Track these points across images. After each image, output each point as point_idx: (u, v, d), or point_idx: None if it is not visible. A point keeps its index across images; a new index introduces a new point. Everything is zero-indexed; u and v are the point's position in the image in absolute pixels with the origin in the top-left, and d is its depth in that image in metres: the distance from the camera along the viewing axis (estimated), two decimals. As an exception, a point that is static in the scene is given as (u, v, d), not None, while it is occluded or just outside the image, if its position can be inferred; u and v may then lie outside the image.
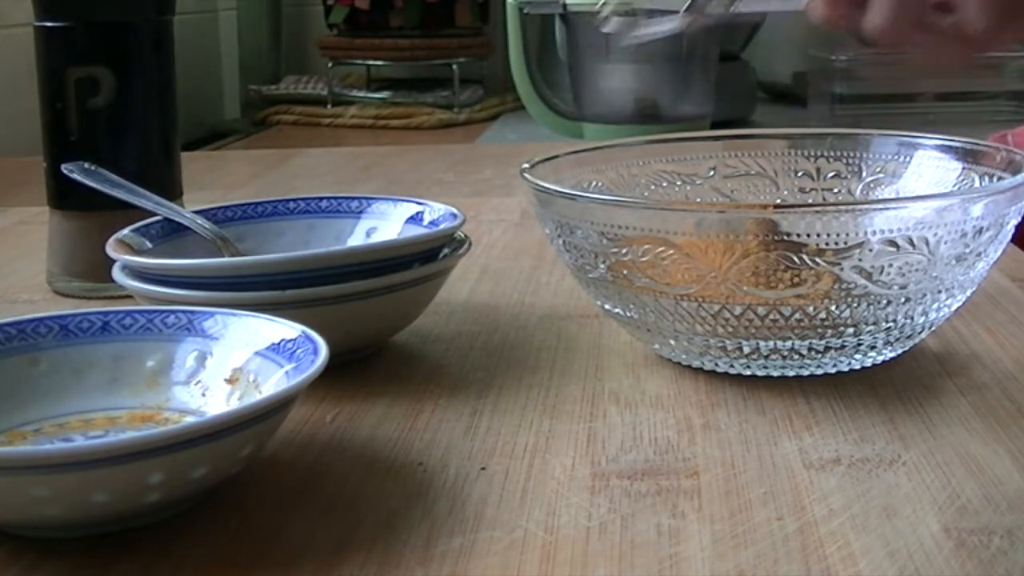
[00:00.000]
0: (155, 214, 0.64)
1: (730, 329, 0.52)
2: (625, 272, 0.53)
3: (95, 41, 0.70)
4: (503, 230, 0.87)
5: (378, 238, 0.65)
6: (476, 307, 0.68)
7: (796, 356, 0.53)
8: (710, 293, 0.51)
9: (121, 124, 0.71)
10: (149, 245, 0.61)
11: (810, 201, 0.65)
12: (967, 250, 0.51)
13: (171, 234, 0.63)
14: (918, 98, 1.53)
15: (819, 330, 0.52)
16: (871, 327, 0.52)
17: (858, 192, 0.65)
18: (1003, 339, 0.60)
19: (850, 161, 0.65)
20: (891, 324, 0.53)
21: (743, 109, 1.58)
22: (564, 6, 1.45)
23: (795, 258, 0.50)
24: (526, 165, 0.59)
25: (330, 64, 1.81)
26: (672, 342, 0.55)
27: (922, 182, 0.63)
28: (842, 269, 0.50)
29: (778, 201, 0.66)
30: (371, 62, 1.85)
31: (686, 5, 0.58)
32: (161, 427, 0.47)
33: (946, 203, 0.51)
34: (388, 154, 1.34)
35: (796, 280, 0.50)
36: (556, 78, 1.54)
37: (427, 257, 0.58)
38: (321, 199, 0.67)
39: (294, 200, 0.67)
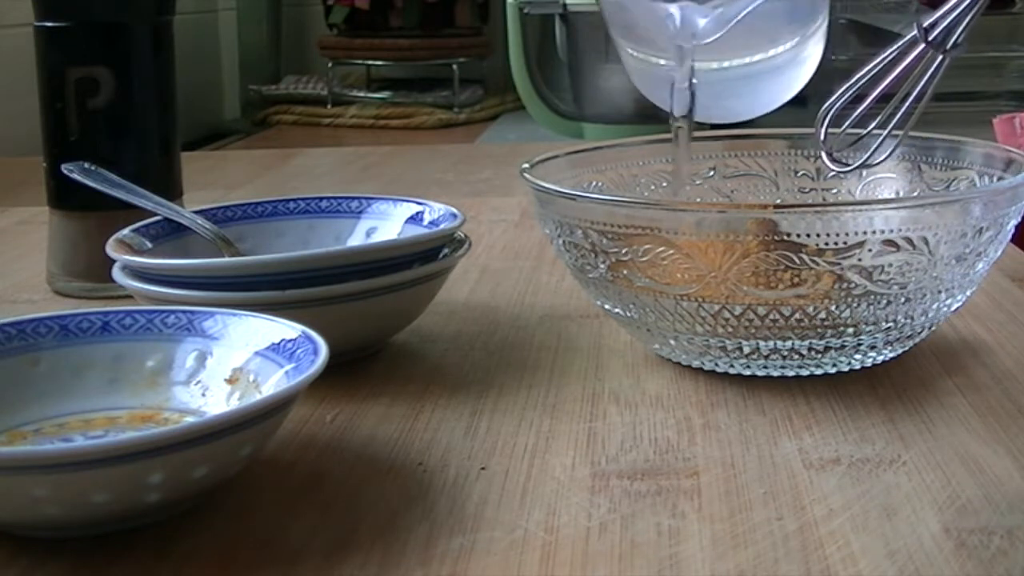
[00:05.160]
0: (155, 214, 0.64)
1: (730, 329, 0.52)
2: (625, 272, 0.53)
3: (95, 41, 0.70)
4: (503, 230, 0.87)
5: (378, 238, 0.65)
6: (476, 307, 0.68)
7: (796, 356, 0.53)
8: (710, 293, 0.51)
9: (121, 124, 0.71)
10: (149, 245, 0.61)
11: (810, 201, 0.65)
12: (967, 250, 0.51)
13: (171, 234, 0.63)
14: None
15: (819, 330, 0.52)
16: (871, 327, 0.52)
17: (858, 192, 0.65)
18: (1003, 339, 0.60)
19: (850, 161, 0.65)
20: (891, 324, 0.53)
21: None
22: (564, 6, 1.45)
23: (795, 258, 0.50)
24: (526, 165, 0.59)
25: (330, 64, 1.81)
26: (672, 342, 0.55)
27: (922, 182, 0.63)
28: (842, 269, 0.50)
29: (778, 201, 0.66)
30: (371, 62, 1.85)
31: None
32: (161, 427, 0.47)
33: (946, 203, 0.51)
34: (388, 154, 1.34)
35: (796, 280, 0.50)
36: (556, 78, 1.54)
37: (427, 257, 0.58)
38: (321, 199, 0.67)
39: (294, 200, 0.67)
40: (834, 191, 0.66)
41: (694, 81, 0.62)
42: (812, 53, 0.64)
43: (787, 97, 0.65)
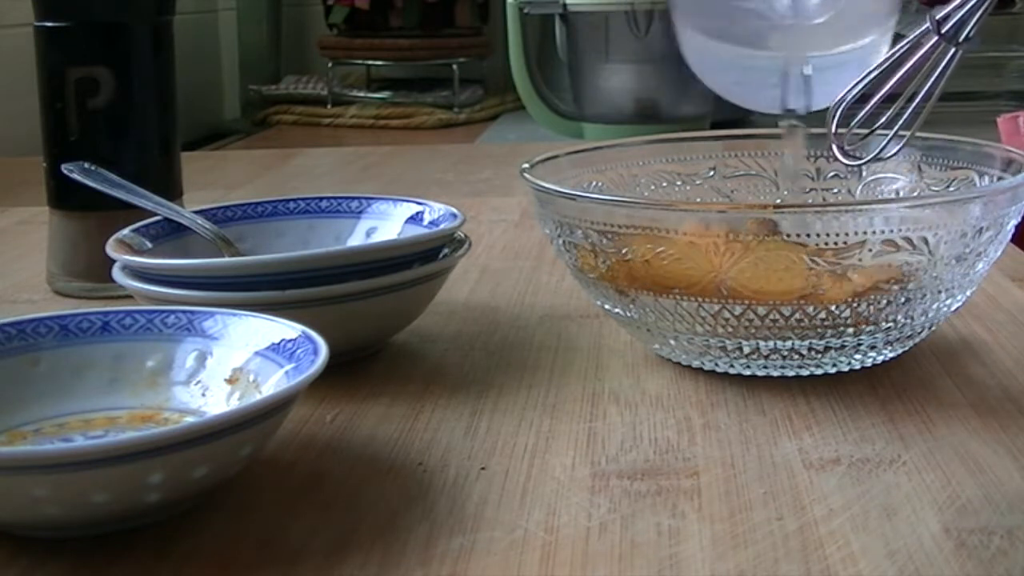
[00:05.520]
0: (155, 214, 0.64)
1: (730, 329, 0.52)
2: (625, 272, 0.53)
3: (95, 41, 0.70)
4: (503, 230, 0.87)
5: (378, 238, 0.65)
6: (476, 307, 0.68)
7: (796, 356, 0.53)
8: (710, 293, 0.51)
9: (121, 124, 0.71)
10: (149, 245, 0.61)
11: (810, 201, 0.65)
12: (967, 250, 0.51)
13: (171, 234, 0.63)
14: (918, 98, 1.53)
15: (819, 330, 0.52)
16: (871, 327, 0.52)
17: (858, 192, 0.65)
18: (1003, 339, 0.60)
19: (850, 161, 0.65)
20: (891, 324, 0.53)
21: (743, 109, 1.58)
22: (564, 6, 1.45)
23: (795, 258, 0.50)
24: (526, 165, 0.59)
25: (330, 64, 1.81)
26: (672, 342, 0.55)
27: (922, 182, 0.63)
28: (842, 269, 0.50)
29: (778, 201, 0.66)
30: (371, 62, 1.85)
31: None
32: (161, 427, 0.47)
33: (946, 203, 0.51)
34: (388, 154, 1.34)
35: (796, 280, 0.50)
36: (556, 78, 1.54)
37: (427, 257, 0.58)
38: (321, 199, 0.67)
39: (294, 200, 0.67)
40: (834, 191, 0.66)
41: (808, 70, 0.62)
42: (883, 51, 0.64)
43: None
